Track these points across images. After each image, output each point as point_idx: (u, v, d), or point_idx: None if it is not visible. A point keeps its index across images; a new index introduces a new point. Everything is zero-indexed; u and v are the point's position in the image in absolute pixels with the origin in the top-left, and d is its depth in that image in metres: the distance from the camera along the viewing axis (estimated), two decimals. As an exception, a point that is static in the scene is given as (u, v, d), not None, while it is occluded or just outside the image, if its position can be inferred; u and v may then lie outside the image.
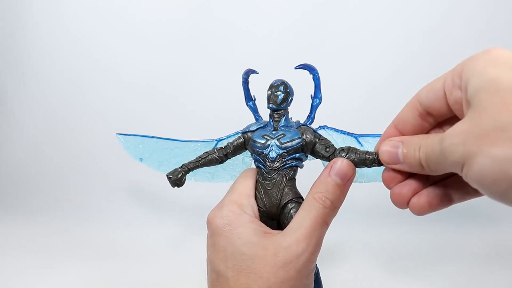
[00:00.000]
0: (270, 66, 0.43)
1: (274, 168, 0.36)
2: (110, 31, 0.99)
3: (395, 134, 0.32)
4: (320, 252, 0.32)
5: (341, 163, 0.33)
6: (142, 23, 0.98)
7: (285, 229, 0.32)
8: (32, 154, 1.05)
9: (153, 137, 0.48)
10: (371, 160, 0.33)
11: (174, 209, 0.91)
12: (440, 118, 0.30)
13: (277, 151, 0.36)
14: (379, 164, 0.33)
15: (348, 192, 0.34)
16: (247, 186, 0.37)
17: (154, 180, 0.94)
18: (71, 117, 1.02)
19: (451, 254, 0.74)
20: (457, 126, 0.24)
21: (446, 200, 0.30)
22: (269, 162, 0.36)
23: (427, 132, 0.31)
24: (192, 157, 0.40)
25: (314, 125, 0.40)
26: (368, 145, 0.38)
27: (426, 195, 0.30)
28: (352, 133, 0.39)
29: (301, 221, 0.32)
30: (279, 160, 0.36)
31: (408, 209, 0.31)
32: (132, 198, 0.95)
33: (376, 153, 0.33)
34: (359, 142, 0.39)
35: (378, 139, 0.35)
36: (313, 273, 0.33)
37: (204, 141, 0.44)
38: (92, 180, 1.00)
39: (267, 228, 0.34)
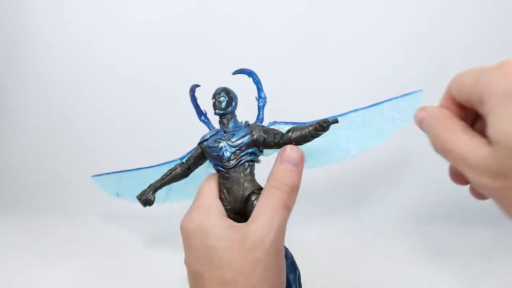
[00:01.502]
0: (271, 65, 0.44)
1: (231, 167, 0.39)
2: (111, 30, 0.99)
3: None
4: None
5: (289, 151, 0.36)
6: (143, 22, 0.98)
7: (249, 219, 0.35)
8: (32, 154, 1.05)
9: (123, 171, 0.51)
10: (314, 128, 0.36)
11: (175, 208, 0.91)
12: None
13: (230, 150, 0.39)
14: (323, 129, 0.36)
15: (346, 193, 0.34)
16: (211, 189, 0.39)
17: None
18: (71, 117, 1.03)
19: (450, 253, 0.74)
20: None
21: None
22: (225, 162, 0.39)
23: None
24: None
25: (264, 123, 0.42)
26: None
27: None
28: (302, 123, 0.40)
29: (262, 207, 0.34)
30: (234, 158, 0.39)
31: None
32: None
33: (317, 122, 0.36)
34: None
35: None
36: (283, 254, 0.35)
37: (171, 161, 0.46)
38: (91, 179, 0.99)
39: (234, 222, 0.36)
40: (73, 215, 0.93)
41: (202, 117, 0.45)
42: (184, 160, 0.44)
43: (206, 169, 0.45)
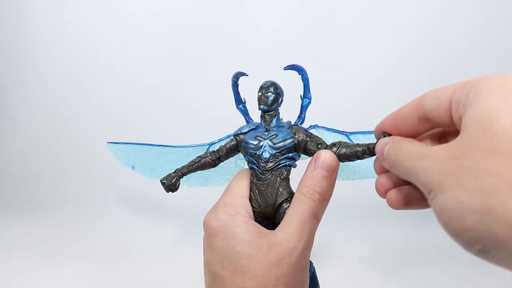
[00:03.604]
0: (270, 64, 0.44)
1: (268, 169, 0.36)
2: (111, 30, 0.99)
3: (390, 123, 0.31)
4: (318, 254, 0.32)
5: (324, 155, 0.34)
6: (143, 22, 0.98)
7: (277, 227, 0.33)
8: (32, 154, 1.05)
9: (144, 144, 0.47)
10: (362, 151, 0.34)
11: (174, 210, 0.91)
12: (439, 126, 0.29)
13: (270, 152, 0.36)
14: (370, 154, 0.34)
15: (347, 194, 0.34)
16: (241, 187, 0.37)
17: (153, 181, 0.95)
18: (71, 117, 1.03)
19: (447, 254, 0.73)
20: (441, 151, 0.23)
21: (423, 202, 0.29)
22: (262, 162, 0.37)
23: (421, 133, 0.30)
24: (184, 162, 0.40)
25: (305, 125, 0.40)
26: (359, 142, 0.38)
27: (405, 191, 0.30)
28: (343, 131, 0.39)
29: (291, 217, 0.32)
30: (273, 160, 0.36)
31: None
32: (133, 199, 0.95)
33: (366, 145, 0.34)
34: (350, 140, 0.39)
35: (369, 136, 0.36)
36: (308, 269, 0.33)
37: (196, 145, 0.44)
38: (91, 180, 1.00)
39: (262, 228, 0.34)
40: (72, 215, 0.93)
41: (240, 106, 0.42)
42: (215, 149, 0.41)
43: (235, 160, 0.43)
